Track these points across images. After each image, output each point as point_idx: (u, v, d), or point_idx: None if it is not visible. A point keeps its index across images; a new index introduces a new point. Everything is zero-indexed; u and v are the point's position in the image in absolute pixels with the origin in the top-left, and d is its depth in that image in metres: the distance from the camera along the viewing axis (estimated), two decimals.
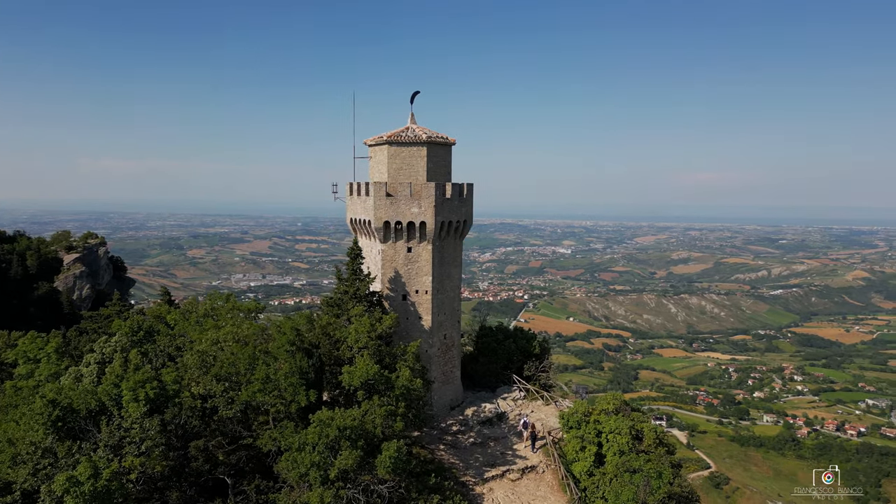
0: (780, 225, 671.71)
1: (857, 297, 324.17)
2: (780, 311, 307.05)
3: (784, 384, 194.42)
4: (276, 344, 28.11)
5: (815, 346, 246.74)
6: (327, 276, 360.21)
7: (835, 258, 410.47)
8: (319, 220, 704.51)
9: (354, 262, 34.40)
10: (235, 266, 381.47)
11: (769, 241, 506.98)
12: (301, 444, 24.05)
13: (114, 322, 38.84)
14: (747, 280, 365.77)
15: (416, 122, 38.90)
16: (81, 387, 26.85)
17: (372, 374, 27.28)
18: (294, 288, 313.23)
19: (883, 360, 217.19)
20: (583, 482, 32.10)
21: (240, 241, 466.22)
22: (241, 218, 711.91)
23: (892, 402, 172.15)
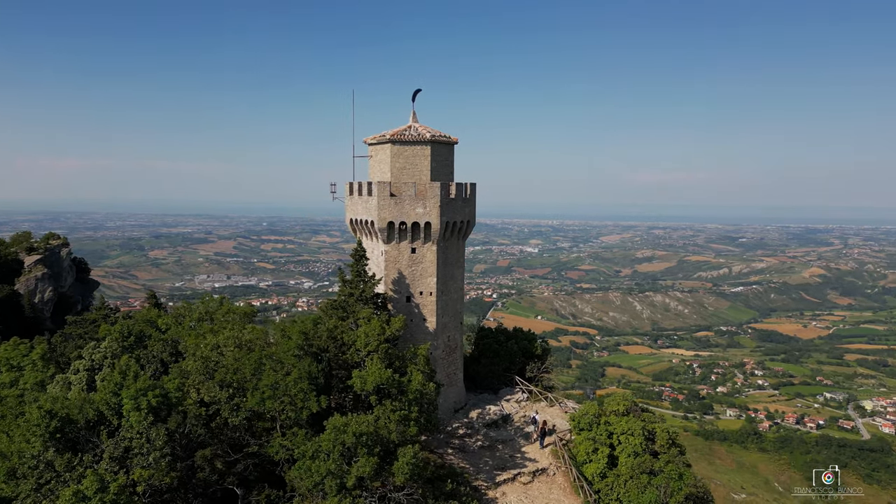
0: (740, 224, 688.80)
1: (813, 293, 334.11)
2: (741, 308, 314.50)
3: (745, 379, 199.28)
4: (282, 348, 27.28)
5: (775, 341, 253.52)
6: (294, 276, 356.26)
7: (792, 256, 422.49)
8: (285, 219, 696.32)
9: (359, 264, 33.44)
10: (199, 267, 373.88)
11: (730, 240, 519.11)
12: (315, 452, 23.30)
13: (101, 327, 37.29)
14: (709, 278, 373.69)
15: (417, 121, 37.96)
16: (79, 396, 25.66)
17: (385, 378, 26.63)
18: (260, 289, 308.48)
19: (839, 354, 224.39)
20: (595, 484, 31.67)
21: (203, 242, 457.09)
22: (205, 218, 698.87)
23: (848, 395, 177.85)
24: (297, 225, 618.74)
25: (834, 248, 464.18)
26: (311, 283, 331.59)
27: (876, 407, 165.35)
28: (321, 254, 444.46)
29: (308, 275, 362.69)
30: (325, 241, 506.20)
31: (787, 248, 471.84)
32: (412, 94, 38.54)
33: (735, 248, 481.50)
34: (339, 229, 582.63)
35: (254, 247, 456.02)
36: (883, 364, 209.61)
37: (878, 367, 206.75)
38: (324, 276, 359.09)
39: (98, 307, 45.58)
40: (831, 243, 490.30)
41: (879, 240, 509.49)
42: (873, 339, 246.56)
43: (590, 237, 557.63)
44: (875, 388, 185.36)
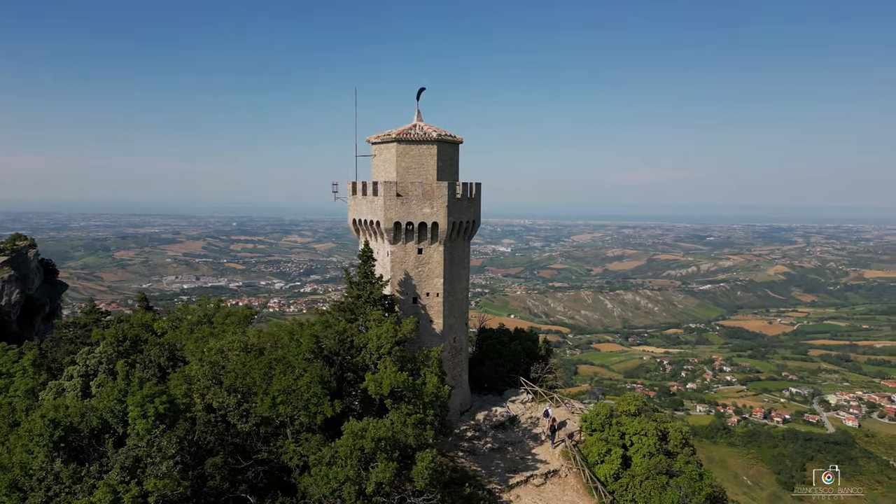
0: (708, 223, 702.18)
1: (778, 290, 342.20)
2: (709, 306, 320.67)
3: (714, 375, 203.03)
4: (292, 352, 26.70)
5: (742, 338, 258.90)
6: (264, 276, 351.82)
7: (758, 254, 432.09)
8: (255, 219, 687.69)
9: (366, 265, 32.80)
10: (167, 268, 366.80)
11: (698, 239, 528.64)
12: (332, 458, 22.77)
13: (93, 332, 36.02)
14: (678, 276, 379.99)
15: (422, 119, 37.36)
16: (81, 404, 24.61)
17: (401, 381, 26.21)
18: (230, 290, 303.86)
19: (803, 350, 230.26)
20: (609, 485, 31.42)
21: (171, 242, 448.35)
22: (173, 217, 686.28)
23: (813, 389, 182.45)
24: (267, 225, 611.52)
25: (797, 246, 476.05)
26: (282, 284, 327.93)
27: (840, 401, 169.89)
28: (292, 254, 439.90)
29: (279, 275, 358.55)
30: (296, 242, 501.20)
31: (752, 246, 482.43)
32: (416, 92, 37.89)
33: (703, 246, 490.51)
34: (310, 229, 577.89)
35: (223, 247, 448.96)
36: (845, 359, 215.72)
37: (841, 363, 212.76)
38: (295, 276, 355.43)
39: (88, 311, 43.87)
40: (795, 241, 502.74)
41: (841, 238, 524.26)
42: (836, 335, 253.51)
43: (561, 236, 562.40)
44: (838, 383, 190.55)
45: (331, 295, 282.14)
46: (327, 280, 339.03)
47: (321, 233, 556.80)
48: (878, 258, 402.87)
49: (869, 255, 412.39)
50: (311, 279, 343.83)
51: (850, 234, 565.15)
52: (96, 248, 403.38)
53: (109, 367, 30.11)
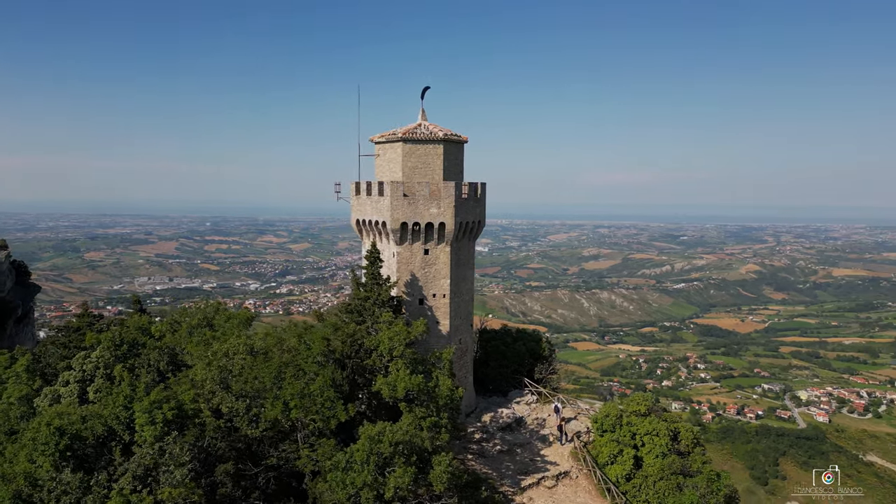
0: (681, 222, 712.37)
1: (750, 288, 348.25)
2: (683, 304, 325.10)
3: (689, 373, 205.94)
4: (302, 355, 26.24)
5: (715, 335, 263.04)
6: (239, 277, 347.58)
7: (730, 253, 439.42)
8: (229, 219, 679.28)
9: (374, 266, 32.34)
10: (139, 269, 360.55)
11: (671, 238, 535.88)
12: (348, 463, 22.27)
13: (87, 336, 34.93)
14: (653, 275, 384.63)
15: (426, 118, 36.97)
16: (86, 410, 23.75)
17: (415, 384, 25.85)
18: (204, 291, 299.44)
19: (775, 346, 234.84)
20: (621, 486, 31.23)
21: (143, 243, 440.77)
22: (144, 218, 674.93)
23: (784, 386, 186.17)
24: (242, 225, 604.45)
25: (768, 245, 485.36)
26: (257, 285, 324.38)
27: (810, 397, 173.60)
28: (268, 254, 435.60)
29: (254, 276, 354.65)
30: (271, 242, 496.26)
31: (724, 245, 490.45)
32: (421, 91, 37.49)
33: (676, 245, 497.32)
34: (285, 229, 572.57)
35: (197, 247, 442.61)
36: (815, 356, 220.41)
37: (811, 359, 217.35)
38: (271, 277, 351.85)
39: (81, 314, 42.49)
40: (765, 241, 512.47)
41: (810, 237, 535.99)
42: (806, 331, 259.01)
43: (538, 236, 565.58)
44: (809, 379, 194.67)
45: (307, 296, 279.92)
46: (303, 281, 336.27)
47: (297, 233, 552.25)
48: (845, 256, 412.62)
49: (837, 254, 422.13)
50: (287, 280, 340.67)
51: (818, 233, 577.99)
52: (65, 249, 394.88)
53: (107, 372, 29.33)
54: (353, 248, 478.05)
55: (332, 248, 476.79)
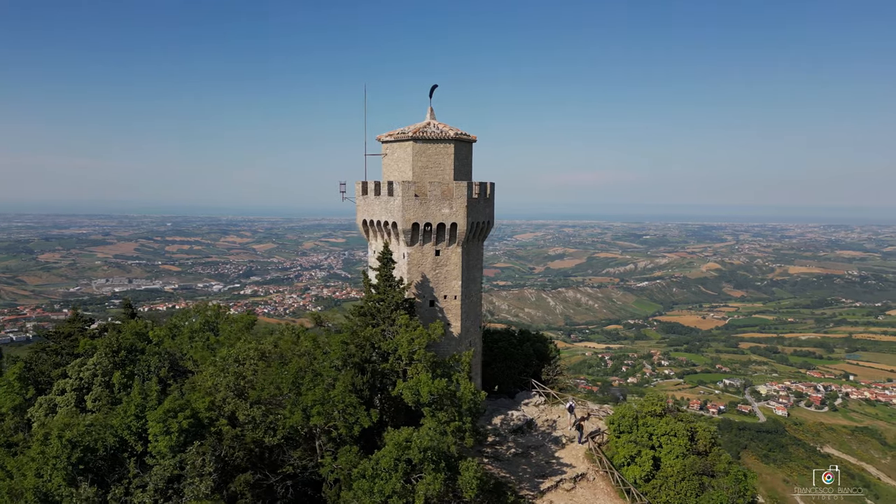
0: (644, 221, 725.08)
1: (710, 286, 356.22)
2: (647, 302, 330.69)
3: (653, 369, 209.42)
4: (318, 360, 25.28)
5: (677, 332, 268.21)
6: (202, 278, 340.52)
7: (691, 252, 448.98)
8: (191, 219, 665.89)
9: (386, 268, 31.41)
10: (97, 270, 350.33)
11: (635, 237, 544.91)
12: (375, 470, 21.36)
13: (80, 342, 33.22)
14: (617, 273, 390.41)
15: (435, 117, 36.12)
16: (96, 420, 22.52)
17: (440, 388, 25.05)
18: (165, 293, 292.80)
19: (735, 343, 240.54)
20: (640, 487, 30.77)
21: (101, 244, 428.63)
22: (101, 218, 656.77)
23: (745, 381, 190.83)
24: (204, 225, 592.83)
25: (727, 243, 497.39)
26: (220, 286, 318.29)
27: (770, 391, 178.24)
28: (231, 255, 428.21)
29: (218, 277, 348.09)
30: (234, 242, 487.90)
31: (686, 244, 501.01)
32: (429, 89, 36.69)
33: (640, 244, 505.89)
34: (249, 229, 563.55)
35: (157, 248, 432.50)
36: (773, 351, 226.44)
37: (770, 354, 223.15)
38: (234, 277, 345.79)
39: (71, 319, 40.51)
40: (725, 239, 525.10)
41: (767, 236, 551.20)
42: (764, 328, 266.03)
43: (504, 235, 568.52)
44: (768, 374, 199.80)
45: (272, 297, 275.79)
46: (268, 282, 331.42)
47: (261, 233, 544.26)
48: (800, 255, 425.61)
49: (793, 252, 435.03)
50: (251, 280, 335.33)
51: (774, 232, 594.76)
52: (18, 251, 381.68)
53: (105, 380, 28.03)
54: (318, 248, 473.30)
55: (297, 248, 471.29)
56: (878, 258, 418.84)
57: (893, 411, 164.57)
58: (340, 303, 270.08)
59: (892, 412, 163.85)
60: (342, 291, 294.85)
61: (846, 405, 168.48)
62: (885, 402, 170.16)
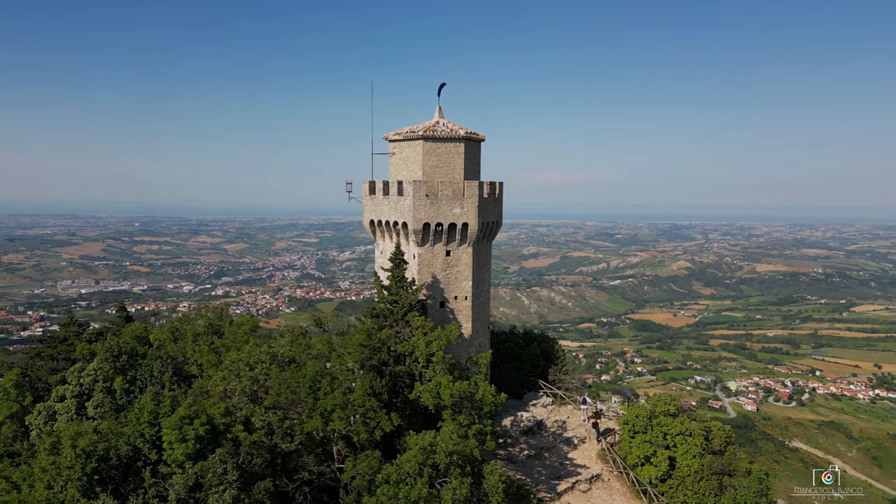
0: (616, 221, 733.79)
1: (681, 284, 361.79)
2: (619, 300, 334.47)
3: (627, 367, 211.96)
4: (334, 363, 24.86)
5: (649, 330, 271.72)
6: (172, 279, 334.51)
7: (662, 250, 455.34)
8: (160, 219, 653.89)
9: (399, 269, 30.88)
10: (62, 271, 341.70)
11: (607, 236, 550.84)
12: (400, 475, 20.82)
13: (78, 346, 31.96)
14: (590, 272, 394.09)
15: (443, 116, 35.59)
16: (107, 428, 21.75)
17: (461, 391, 24.60)
18: (134, 294, 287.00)
19: (705, 340, 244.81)
20: (657, 488, 30.54)
21: (67, 244, 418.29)
22: (67, 218, 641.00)
23: (715, 377, 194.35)
24: (173, 225, 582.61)
25: (697, 242, 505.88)
26: (191, 287, 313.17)
27: (739, 387, 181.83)
28: (202, 255, 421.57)
29: (188, 277, 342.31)
30: (205, 242, 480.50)
31: (657, 243, 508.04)
32: (437, 88, 36.33)
33: (612, 243, 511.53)
34: (220, 229, 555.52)
35: (125, 249, 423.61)
36: (742, 348, 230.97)
37: (739, 351, 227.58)
38: (205, 278, 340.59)
39: (66, 323, 38.96)
40: (694, 238, 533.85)
41: (735, 234, 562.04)
42: (733, 325, 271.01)
43: None
44: (737, 370, 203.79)
45: (244, 297, 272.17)
46: (240, 282, 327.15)
47: (232, 233, 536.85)
48: (767, 253, 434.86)
49: (760, 251, 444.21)
50: (223, 281, 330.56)
51: (742, 230, 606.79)
52: None
53: (106, 386, 27.20)
54: (291, 248, 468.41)
55: (270, 248, 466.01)
56: (842, 256, 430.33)
57: (858, 405, 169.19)
58: (314, 303, 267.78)
59: (856, 406, 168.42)
60: (316, 292, 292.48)
61: (813, 400, 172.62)
62: (850, 397, 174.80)
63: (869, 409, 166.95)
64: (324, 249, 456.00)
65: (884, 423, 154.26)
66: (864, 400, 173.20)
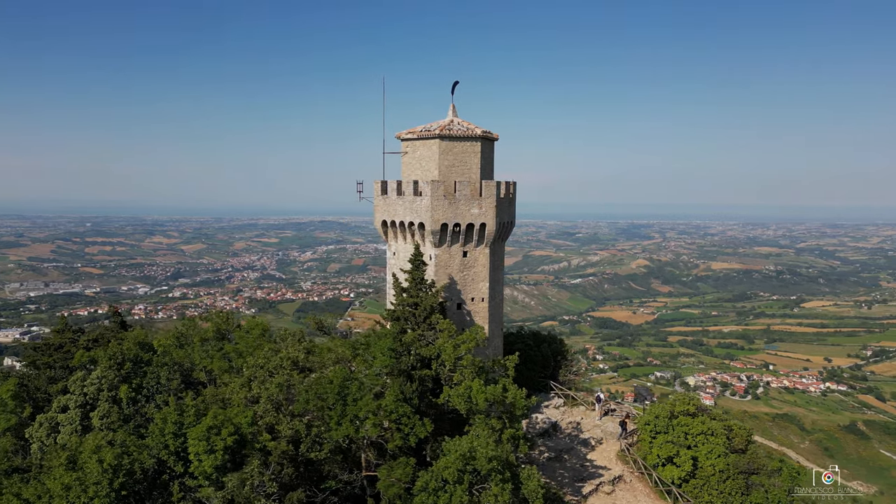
0: (576, 220, 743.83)
1: (640, 282, 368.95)
2: (580, 298, 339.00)
3: (589, 364, 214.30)
4: (360, 368, 24.13)
5: (610, 327, 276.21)
6: (126, 281, 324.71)
7: (621, 249, 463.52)
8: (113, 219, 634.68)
9: (418, 270, 30.10)
10: (10, 274, 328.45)
11: (567, 235, 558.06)
12: (439, 483, 20.13)
13: (76, 354, 30.19)
14: (551, 271, 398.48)
15: (457, 115, 34.92)
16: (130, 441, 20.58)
17: (496, 394, 24.10)
18: (86, 297, 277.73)
19: (664, 336, 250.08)
20: (680, 488, 30.26)
21: (14, 245, 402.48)
22: (13, 218, 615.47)
23: (674, 372, 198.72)
24: (128, 225, 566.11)
25: (654, 241, 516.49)
26: (147, 289, 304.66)
27: (697, 382, 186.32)
28: (157, 256, 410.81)
29: (144, 279, 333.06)
30: (161, 243, 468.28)
31: (616, 242, 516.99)
32: (451, 86, 35.70)
33: (572, 242, 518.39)
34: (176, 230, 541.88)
35: (76, 250, 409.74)
36: (700, 343, 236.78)
37: (696, 347, 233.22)
38: (162, 280, 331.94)
39: (60, 329, 36.67)
40: (652, 237, 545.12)
41: (691, 233, 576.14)
42: (690, 321, 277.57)
43: None
44: (695, 366, 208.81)
45: (203, 299, 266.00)
46: (198, 283, 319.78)
47: (189, 233, 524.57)
48: (722, 251, 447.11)
49: (715, 249, 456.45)
50: (180, 283, 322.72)
51: (698, 229, 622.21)
52: None
53: (112, 395, 25.99)
54: (250, 248, 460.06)
55: (228, 248, 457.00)
56: (792, 254, 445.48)
57: (810, 398, 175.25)
58: (275, 305, 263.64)
59: (808, 399, 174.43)
60: (277, 293, 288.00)
61: (767, 393, 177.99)
62: (801, 390, 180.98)
63: (820, 401, 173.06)
64: (284, 249, 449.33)
65: (834, 414, 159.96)
66: (816, 393, 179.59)
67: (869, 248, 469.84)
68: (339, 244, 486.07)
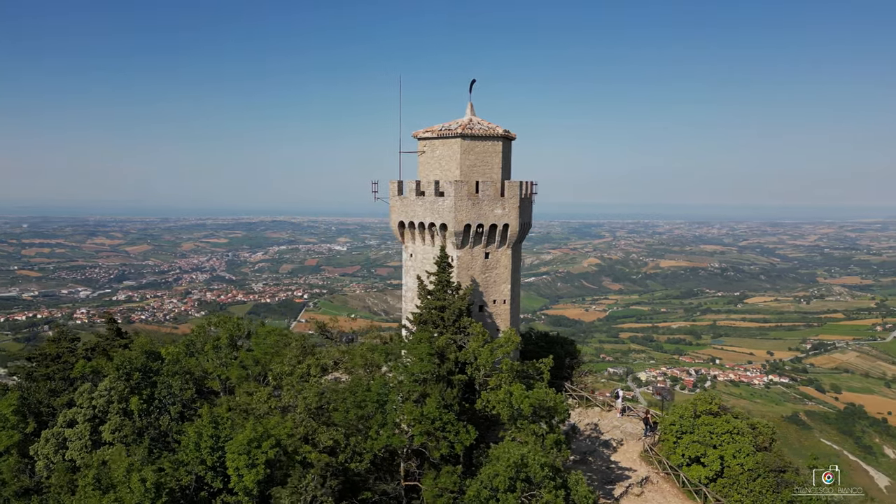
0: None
1: (591, 280, 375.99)
2: (534, 296, 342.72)
3: None
4: (396, 374, 23.19)
5: (564, 325, 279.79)
6: (66, 284, 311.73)
7: (573, 248, 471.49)
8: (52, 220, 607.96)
9: (444, 273, 29.27)
10: None
11: None
12: (491, 491, 19.41)
13: (77, 364, 28.03)
14: None
15: (475, 114, 33.88)
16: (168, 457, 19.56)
17: (540, 399, 23.62)
18: (24, 301, 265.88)
19: (615, 333, 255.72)
20: (710, 487, 30.05)
21: None
22: None
23: (627, 368, 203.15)
24: (67, 226, 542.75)
25: (605, 240, 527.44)
26: (89, 292, 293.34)
27: (649, 377, 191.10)
28: (100, 258, 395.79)
29: (85, 282, 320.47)
30: (103, 244, 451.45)
31: (568, 241, 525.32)
32: (469, 84, 34.70)
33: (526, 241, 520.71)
34: (120, 230, 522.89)
35: (12, 252, 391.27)
36: (650, 340, 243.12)
37: (647, 343, 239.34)
38: (105, 282, 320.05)
39: (56, 338, 33.95)
40: (603, 236, 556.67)
41: (640, 232, 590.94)
42: (640, 318, 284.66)
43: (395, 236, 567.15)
44: (646, 361, 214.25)
45: (149, 302, 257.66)
46: (144, 286, 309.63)
47: (134, 234, 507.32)
48: (670, 249, 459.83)
49: (663, 247, 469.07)
50: (125, 286, 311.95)
51: (646, 228, 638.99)
52: None
53: (122, 407, 24.60)
54: (199, 249, 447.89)
55: (176, 249, 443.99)
56: (735, 252, 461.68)
57: (754, 391, 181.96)
58: (226, 307, 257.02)
59: (753, 391, 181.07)
60: (227, 295, 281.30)
61: (714, 387, 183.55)
62: (746, 383, 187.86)
63: (764, 393, 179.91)
64: (234, 250, 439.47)
65: (777, 406, 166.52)
66: (760, 385, 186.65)
67: (806, 246, 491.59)
68: (292, 244, 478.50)
